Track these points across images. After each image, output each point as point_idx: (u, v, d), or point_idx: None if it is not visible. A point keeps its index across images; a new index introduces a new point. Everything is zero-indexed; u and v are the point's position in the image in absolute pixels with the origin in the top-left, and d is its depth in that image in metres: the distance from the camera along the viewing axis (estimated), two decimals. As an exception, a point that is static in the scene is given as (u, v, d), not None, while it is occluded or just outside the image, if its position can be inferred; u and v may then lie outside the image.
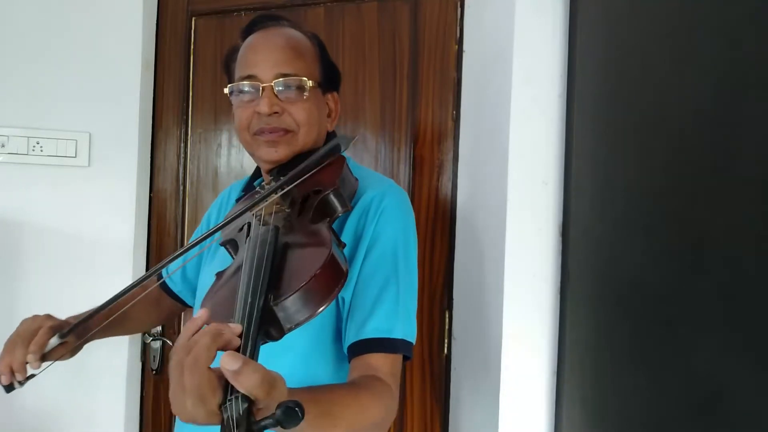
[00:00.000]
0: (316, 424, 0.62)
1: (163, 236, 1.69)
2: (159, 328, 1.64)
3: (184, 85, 1.68)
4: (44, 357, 0.84)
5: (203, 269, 1.00)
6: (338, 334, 0.85)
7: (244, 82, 0.87)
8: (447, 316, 1.43)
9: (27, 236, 1.59)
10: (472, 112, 1.37)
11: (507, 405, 1.13)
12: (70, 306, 1.60)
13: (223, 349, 0.51)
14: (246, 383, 0.48)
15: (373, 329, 0.79)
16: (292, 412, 0.47)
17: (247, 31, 0.93)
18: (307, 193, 0.79)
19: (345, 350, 0.83)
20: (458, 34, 1.43)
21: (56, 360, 0.86)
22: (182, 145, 1.69)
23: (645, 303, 0.83)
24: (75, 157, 1.59)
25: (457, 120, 1.43)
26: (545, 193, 1.14)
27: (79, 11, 1.61)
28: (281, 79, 0.86)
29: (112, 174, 1.61)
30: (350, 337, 0.81)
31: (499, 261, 1.15)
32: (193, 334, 0.53)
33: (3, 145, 1.57)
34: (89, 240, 1.59)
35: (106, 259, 1.61)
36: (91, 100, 1.61)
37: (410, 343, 0.82)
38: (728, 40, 0.68)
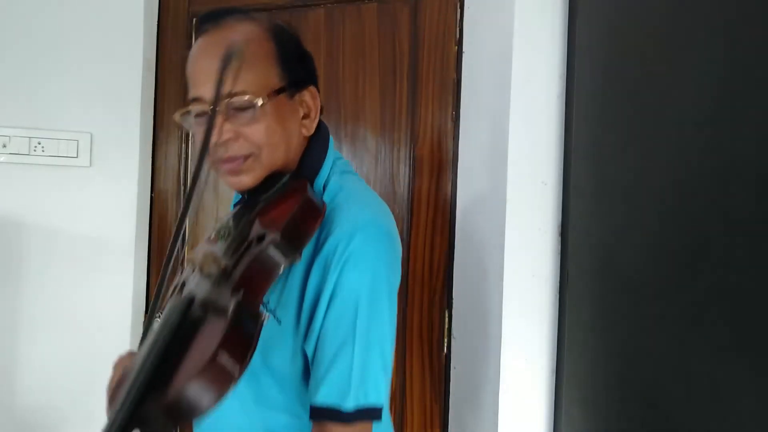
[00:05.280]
0: None
1: (164, 237, 1.70)
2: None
3: (185, 86, 1.66)
4: None
5: None
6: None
7: (191, 107, 0.77)
8: (447, 316, 1.43)
9: (28, 236, 1.59)
10: (472, 113, 1.38)
11: (507, 404, 1.13)
12: (71, 306, 1.61)
13: None
14: None
15: (324, 395, 0.71)
16: None
17: (196, 37, 0.80)
18: (251, 239, 0.70)
19: None
20: (458, 35, 1.43)
21: None
22: (183, 145, 1.69)
23: (644, 302, 0.84)
24: (76, 157, 1.59)
25: (457, 120, 1.43)
26: (545, 193, 1.14)
27: (81, 12, 1.61)
28: (228, 99, 0.72)
29: (113, 174, 1.61)
30: (309, 396, 0.74)
31: (499, 261, 1.16)
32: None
33: (4, 146, 1.58)
34: (90, 240, 1.60)
35: (107, 260, 1.61)
36: (93, 101, 1.61)
37: (371, 409, 0.72)
38: (727, 40, 0.68)
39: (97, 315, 1.59)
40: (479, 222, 1.31)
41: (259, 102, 0.73)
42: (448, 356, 1.43)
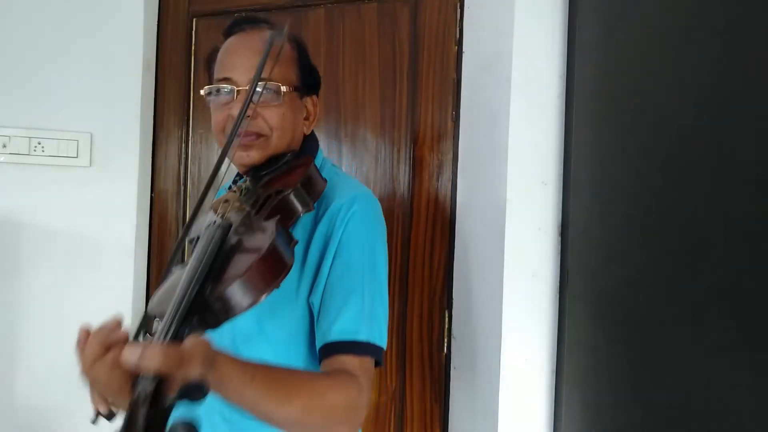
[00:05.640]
0: (268, 393, 0.65)
1: (164, 237, 1.70)
2: (160, 328, 1.64)
3: (185, 86, 1.68)
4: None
5: None
6: (312, 338, 0.86)
7: (221, 85, 0.88)
8: (447, 315, 1.43)
9: (28, 236, 1.60)
10: (472, 113, 1.38)
11: (506, 404, 1.13)
12: (71, 306, 1.61)
13: (110, 347, 0.56)
14: (147, 365, 0.50)
15: (338, 331, 0.79)
16: (192, 386, 0.51)
17: (227, 33, 0.93)
18: (269, 193, 0.80)
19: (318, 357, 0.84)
20: (458, 35, 1.44)
21: None
22: (183, 145, 1.70)
23: (643, 302, 0.84)
24: (76, 157, 1.59)
25: (456, 120, 1.43)
26: (544, 193, 1.14)
27: (81, 12, 1.61)
28: (258, 82, 0.83)
29: (113, 174, 1.62)
30: (318, 341, 0.82)
31: (499, 261, 1.16)
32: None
33: (4, 146, 1.58)
34: (90, 240, 1.60)
35: (107, 260, 1.61)
36: (93, 101, 1.61)
37: (378, 348, 0.81)
38: (726, 41, 0.68)
39: (97, 315, 1.58)
40: (479, 222, 1.31)
41: (284, 89, 0.88)
42: (448, 356, 1.43)
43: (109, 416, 0.76)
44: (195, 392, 0.52)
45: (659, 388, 0.78)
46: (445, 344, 1.43)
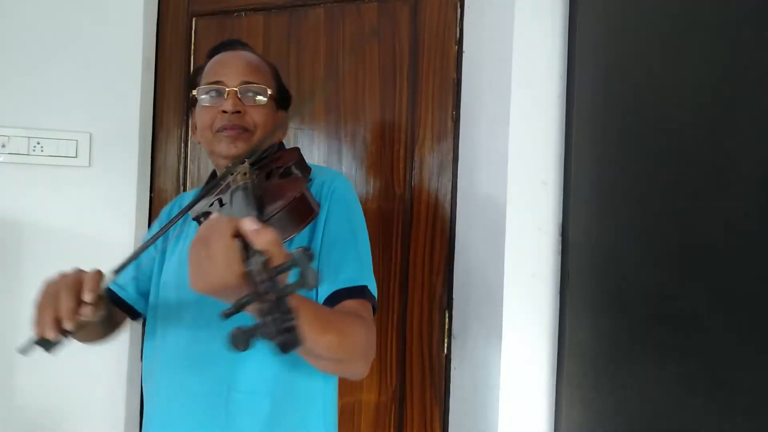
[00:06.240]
0: (312, 326, 0.71)
1: (163, 236, 1.70)
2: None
3: (184, 86, 1.68)
4: (100, 298, 0.80)
5: (168, 260, 1.04)
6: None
7: (212, 86, 0.99)
8: (447, 316, 1.43)
9: (27, 236, 1.59)
10: (472, 113, 1.38)
11: (507, 404, 1.13)
12: (70, 306, 1.60)
13: (236, 230, 0.61)
14: (264, 239, 0.58)
15: (344, 280, 0.88)
16: (306, 252, 0.54)
17: (213, 52, 1.06)
18: (270, 169, 0.92)
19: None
20: (458, 35, 1.44)
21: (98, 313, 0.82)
22: (183, 145, 1.69)
23: (644, 302, 0.84)
24: (76, 157, 1.59)
25: (457, 120, 1.43)
26: (545, 193, 1.14)
27: (80, 11, 1.61)
28: (245, 85, 0.98)
29: (112, 174, 1.61)
30: (324, 292, 0.89)
31: (499, 261, 1.16)
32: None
33: (4, 146, 1.58)
34: (90, 240, 1.59)
35: (106, 260, 1.60)
36: (92, 101, 1.61)
37: (372, 294, 0.91)
38: (727, 41, 0.68)
39: (97, 315, 1.59)
40: (479, 222, 1.31)
41: (269, 91, 1.01)
42: (448, 356, 1.43)
43: (52, 344, 0.78)
44: (306, 258, 0.54)
45: (660, 388, 0.79)
46: (445, 344, 1.42)
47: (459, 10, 1.43)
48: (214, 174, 1.10)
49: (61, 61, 1.60)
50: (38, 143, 1.58)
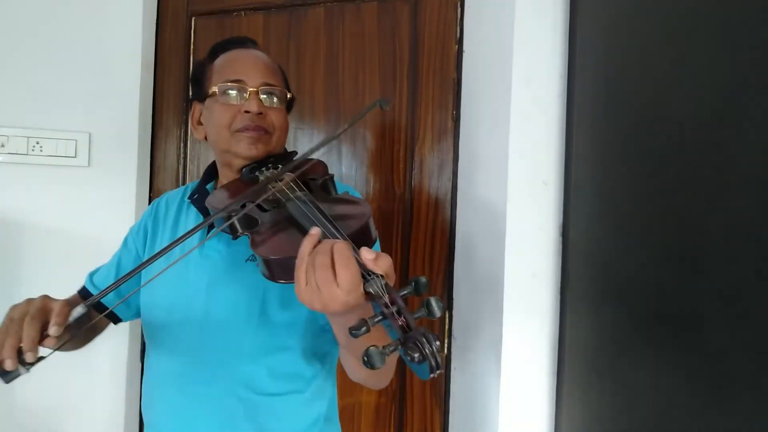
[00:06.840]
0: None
1: (163, 236, 1.69)
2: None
3: (184, 85, 1.68)
4: (67, 329, 0.76)
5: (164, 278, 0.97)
6: (311, 320, 0.95)
7: (234, 84, 0.97)
8: (447, 316, 1.43)
9: (27, 236, 1.59)
10: (472, 112, 1.37)
11: (507, 404, 1.13)
12: (70, 306, 1.60)
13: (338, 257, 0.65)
14: (383, 265, 0.64)
15: None
16: (422, 281, 0.62)
17: (223, 47, 1.03)
18: (305, 180, 0.92)
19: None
20: (458, 34, 1.43)
21: (72, 341, 0.80)
22: (182, 145, 1.69)
23: (644, 302, 0.84)
24: (75, 157, 1.59)
25: (457, 120, 1.43)
26: (545, 193, 1.14)
27: (79, 11, 1.61)
28: (266, 86, 0.98)
29: (112, 174, 1.61)
30: None
31: (499, 261, 1.15)
32: (313, 248, 0.67)
33: (3, 145, 1.57)
34: (89, 240, 1.59)
35: (106, 260, 1.61)
36: (91, 100, 1.61)
37: None
38: (727, 41, 0.68)
39: (96, 315, 1.59)
40: (479, 222, 1.31)
41: (287, 95, 1.02)
42: (448, 356, 1.43)
43: (11, 375, 0.75)
44: (423, 287, 0.62)
45: (660, 388, 0.78)
46: (445, 344, 1.42)
47: (459, 10, 1.43)
48: (213, 169, 1.07)
49: (61, 61, 1.60)
50: (37, 143, 1.57)
